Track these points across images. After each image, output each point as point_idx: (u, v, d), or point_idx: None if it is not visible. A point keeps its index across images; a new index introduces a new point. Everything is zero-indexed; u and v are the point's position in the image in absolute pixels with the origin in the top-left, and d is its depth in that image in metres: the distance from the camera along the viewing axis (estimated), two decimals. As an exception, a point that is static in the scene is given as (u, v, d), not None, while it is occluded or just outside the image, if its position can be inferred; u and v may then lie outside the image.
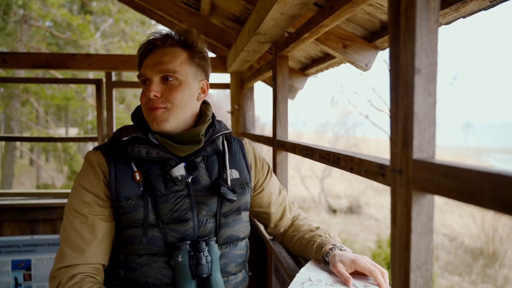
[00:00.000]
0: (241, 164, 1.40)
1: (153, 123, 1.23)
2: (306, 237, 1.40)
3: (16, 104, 12.99)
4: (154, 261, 1.21)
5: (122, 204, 1.20)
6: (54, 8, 11.60)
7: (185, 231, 1.23)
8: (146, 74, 1.24)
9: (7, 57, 3.13)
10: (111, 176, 1.21)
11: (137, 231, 1.21)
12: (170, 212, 1.22)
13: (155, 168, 1.24)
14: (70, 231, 1.18)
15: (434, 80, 0.71)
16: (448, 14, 1.31)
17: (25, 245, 3.05)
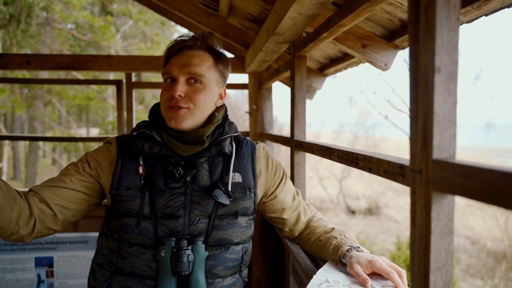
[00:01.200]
0: (247, 168, 1.38)
1: (172, 120, 1.27)
2: (322, 239, 1.39)
3: (39, 104, 13.31)
4: (143, 252, 1.25)
5: (122, 193, 1.27)
6: (76, 10, 11.83)
7: (175, 227, 1.26)
8: (173, 73, 1.29)
9: (31, 59, 3.21)
10: (117, 165, 1.30)
11: (131, 220, 1.26)
12: (163, 207, 1.26)
13: (158, 164, 1.30)
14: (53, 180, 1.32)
15: (455, 79, 0.70)
16: (469, 12, 1.28)
17: (47, 242, 3.13)
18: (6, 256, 3.09)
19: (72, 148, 15.83)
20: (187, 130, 1.29)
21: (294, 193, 1.53)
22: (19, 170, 18.32)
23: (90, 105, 13.72)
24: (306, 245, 1.48)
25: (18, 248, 3.10)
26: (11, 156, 17.71)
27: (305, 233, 1.50)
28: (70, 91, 12.25)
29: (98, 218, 3.17)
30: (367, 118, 21.09)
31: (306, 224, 1.53)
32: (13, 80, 5.28)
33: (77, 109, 17.83)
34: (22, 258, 3.11)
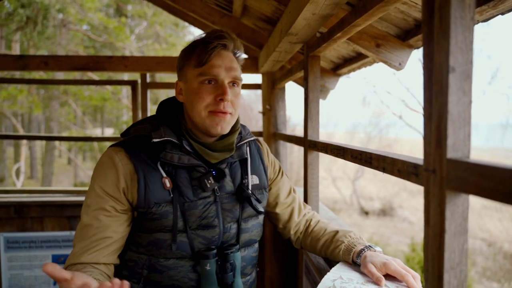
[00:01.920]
0: (260, 168, 1.41)
1: (218, 126, 1.22)
2: (329, 246, 1.39)
3: (55, 105, 13.54)
4: (181, 265, 1.22)
5: (152, 211, 1.18)
6: (91, 12, 11.99)
7: (212, 237, 1.25)
8: (219, 75, 1.22)
9: (49, 60, 3.27)
10: (140, 181, 1.18)
11: (166, 235, 1.20)
12: (198, 219, 1.22)
13: (184, 174, 1.22)
14: (85, 231, 1.17)
15: (470, 79, 0.70)
16: (485, 11, 1.27)
17: (64, 240, 3.18)
18: (25, 253, 3.16)
19: (87, 147, 16.08)
20: (218, 137, 1.27)
21: (289, 189, 1.54)
22: (35, 170, 18.65)
23: (105, 105, 13.89)
24: (315, 252, 1.48)
25: (36, 246, 3.17)
26: (28, 156, 18.03)
27: (308, 240, 1.48)
28: (85, 91, 12.42)
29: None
30: (381, 118, 20.94)
31: (304, 228, 1.52)
32: (31, 81, 5.38)
33: (92, 110, 18.06)
34: (40, 255, 3.17)
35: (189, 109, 1.26)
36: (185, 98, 1.28)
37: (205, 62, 1.22)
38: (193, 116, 1.24)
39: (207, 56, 1.22)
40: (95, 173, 1.22)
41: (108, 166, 1.20)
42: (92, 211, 1.17)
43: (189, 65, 1.26)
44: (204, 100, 1.21)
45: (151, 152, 1.21)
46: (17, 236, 3.15)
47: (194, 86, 1.23)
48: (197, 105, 1.22)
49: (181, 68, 1.30)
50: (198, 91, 1.22)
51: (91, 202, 1.18)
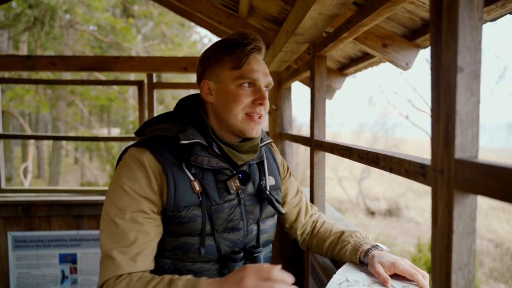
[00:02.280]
0: (275, 170, 1.42)
1: (253, 130, 1.22)
2: (335, 246, 1.39)
3: (62, 105, 13.63)
4: (207, 268, 1.21)
5: (182, 214, 1.16)
6: (98, 12, 12.06)
7: (237, 240, 1.25)
8: (258, 80, 1.22)
9: (56, 60, 3.30)
10: (170, 183, 1.14)
11: (193, 239, 1.18)
12: (224, 222, 1.22)
13: (210, 177, 1.21)
14: (122, 238, 1.11)
15: (478, 79, 0.69)
16: (493, 10, 1.26)
17: (71, 239, 3.21)
18: (32, 252, 3.18)
19: (94, 147, 16.16)
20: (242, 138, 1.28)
21: (297, 189, 1.55)
22: (43, 169, 18.79)
23: (111, 105, 13.96)
24: (322, 254, 1.48)
25: (44, 245, 3.19)
26: (36, 155, 18.17)
27: (314, 241, 1.48)
28: (92, 91, 12.49)
29: (120, 216, 3.23)
30: (387, 118, 20.87)
31: (310, 228, 1.52)
32: (38, 81, 5.42)
33: (99, 110, 18.16)
34: (47, 254, 3.20)
35: (222, 110, 1.23)
36: (217, 99, 1.25)
37: (244, 65, 1.21)
38: (228, 117, 1.22)
39: (246, 59, 1.21)
40: (122, 175, 1.16)
41: (136, 166, 1.16)
42: (130, 214, 1.12)
43: (223, 65, 1.23)
44: (242, 102, 1.20)
45: (178, 154, 1.19)
46: (25, 235, 3.18)
47: (231, 88, 1.21)
48: (235, 108, 1.21)
49: (209, 68, 1.26)
50: (236, 94, 1.20)
51: (124, 205, 1.12)
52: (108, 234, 1.11)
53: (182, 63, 3.41)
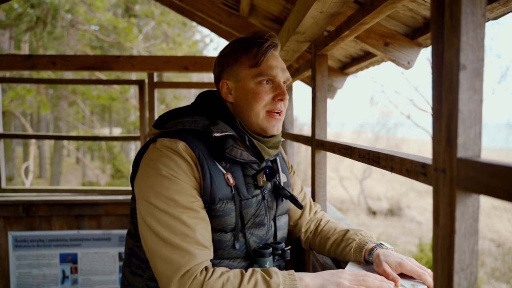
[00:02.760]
0: (285, 167, 1.45)
1: (274, 127, 1.24)
2: (339, 245, 1.38)
3: (64, 104, 13.65)
4: (235, 266, 1.18)
5: (216, 207, 1.13)
6: (100, 12, 12.07)
7: (262, 235, 1.25)
8: (277, 76, 1.23)
9: (57, 60, 3.29)
10: (206, 174, 1.12)
11: (226, 236, 1.15)
12: (253, 217, 1.21)
13: (239, 171, 1.21)
14: (183, 228, 1.05)
15: (481, 77, 0.68)
16: (496, 8, 1.25)
17: (72, 239, 3.20)
18: (33, 252, 3.18)
19: (95, 147, 16.17)
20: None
21: (301, 186, 1.57)
22: (44, 169, 18.81)
23: (112, 105, 13.97)
24: (324, 253, 1.47)
25: (44, 245, 3.19)
26: (37, 155, 18.19)
27: (317, 239, 1.48)
28: (93, 91, 12.50)
29: (121, 216, 3.23)
30: (388, 118, 20.84)
31: (314, 227, 1.52)
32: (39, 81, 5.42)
33: (100, 109, 18.18)
34: (48, 254, 3.19)
35: (243, 108, 1.23)
36: (237, 98, 1.25)
37: (262, 62, 1.21)
38: (249, 115, 1.22)
39: (264, 56, 1.21)
40: (160, 164, 1.11)
41: (174, 155, 1.12)
42: (182, 202, 1.07)
43: (241, 64, 1.23)
44: (263, 100, 1.21)
45: (210, 147, 1.17)
46: (25, 235, 3.18)
47: (251, 86, 1.21)
48: (256, 105, 1.21)
49: (228, 67, 1.26)
50: (256, 91, 1.21)
51: (173, 194, 1.07)
52: (165, 225, 1.05)
53: (183, 62, 3.40)
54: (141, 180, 1.14)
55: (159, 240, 1.04)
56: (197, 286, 1.00)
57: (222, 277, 1.02)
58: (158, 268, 1.04)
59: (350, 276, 1.08)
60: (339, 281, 1.06)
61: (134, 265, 1.24)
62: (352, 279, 1.07)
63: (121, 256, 3.20)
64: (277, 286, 1.01)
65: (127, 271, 1.28)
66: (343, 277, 1.07)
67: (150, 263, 1.08)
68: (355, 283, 1.06)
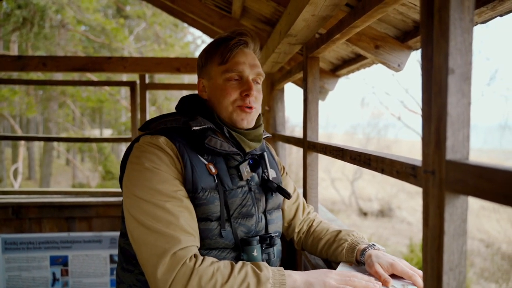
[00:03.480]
0: (274, 164, 1.46)
1: (244, 121, 1.26)
2: (331, 245, 1.39)
3: (53, 106, 13.52)
4: (224, 257, 1.19)
5: (199, 195, 1.15)
6: (89, 13, 11.98)
7: (251, 225, 1.26)
8: (244, 72, 1.26)
9: (47, 61, 3.27)
10: (187, 164, 1.16)
11: (212, 224, 1.17)
12: (239, 207, 1.23)
13: (222, 162, 1.24)
14: (166, 215, 1.07)
15: (469, 81, 0.70)
16: (484, 12, 1.28)
17: (62, 241, 3.18)
18: (22, 254, 3.15)
19: (86, 148, 16.04)
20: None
21: (294, 187, 1.59)
22: (33, 171, 18.61)
23: (103, 106, 13.87)
24: (315, 253, 1.49)
25: (34, 247, 3.16)
26: (26, 157, 18.00)
27: (310, 240, 1.49)
28: (83, 93, 12.40)
29: (112, 218, 3.21)
30: (379, 119, 20.97)
31: (307, 227, 1.53)
32: (29, 82, 5.37)
33: (91, 111, 18.03)
34: (38, 256, 3.17)
35: (215, 105, 1.29)
36: (210, 95, 1.31)
37: (229, 59, 1.26)
38: (221, 111, 1.27)
39: (230, 53, 1.25)
40: (142, 159, 1.14)
41: (155, 149, 1.16)
42: (165, 191, 1.10)
43: (212, 62, 1.29)
44: (230, 95, 1.25)
45: (190, 140, 1.21)
46: (15, 237, 3.15)
47: (219, 82, 1.27)
48: (224, 101, 1.25)
49: (203, 66, 1.33)
50: (224, 88, 1.26)
51: (156, 184, 1.10)
52: (150, 215, 1.07)
53: (175, 63, 3.40)
54: (127, 177, 1.17)
55: (144, 229, 1.06)
56: (186, 272, 1.01)
57: (212, 266, 1.04)
58: (144, 257, 1.06)
59: (337, 276, 1.11)
60: (326, 280, 1.08)
61: (125, 262, 1.27)
62: (339, 279, 1.10)
63: (113, 258, 3.19)
64: (267, 279, 1.03)
65: (119, 269, 1.31)
66: (330, 277, 1.10)
67: (137, 255, 1.09)
68: (342, 283, 1.09)
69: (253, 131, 1.30)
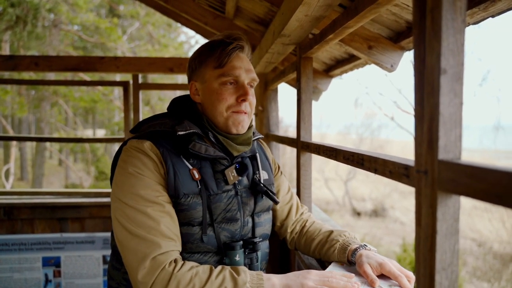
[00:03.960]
0: (267, 165, 1.46)
1: (239, 125, 1.26)
2: (324, 245, 1.40)
3: (46, 106, 13.42)
4: (206, 260, 1.21)
5: (181, 201, 1.17)
6: (82, 12, 11.91)
7: (235, 230, 1.26)
8: (240, 77, 1.26)
9: (39, 60, 3.24)
10: (170, 170, 1.17)
11: (194, 229, 1.19)
12: (223, 212, 1.24)
13: (207, 167, 1.24)
14: (148, 221, 1.10)
15: (461, 81, 0.70)
16: (476, 13, 1.28)
17: (55, 242, 3.15)
18: (14, 255, 3.12)
19: (78, 149, 15.95)
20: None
21: (288, 187, 1.59)
22: (26, 171, 18.46)
23: (96, 106, 13.79)
24: (309, 253, 1.49)
25: (26, 248, 3.13)
26: (18, 157, 17.84)
27: (303, 240, 1.49)
28: (76, 93, 12.32)
29: (105, 219, 3.20)
30: (372, 120, 21.05)
31: (300, 228, 1.53)
32: (20, 82, 5.33)
33: (84, 111, 17.91)
34: (30, 258, 3.14)
35: (208, 109, 1.28)
36: (204, 99, 1.30)
37: (226, 63, 1.25)
38: (214, 115, 1.26)
39: (227, 58, 1.24)
40: (127, 164, 1.17)
41: (139, 153, 1.18)
42: (147, 197, 1.13)
43: (207, 65, 1.28)
44: (226, 100, 1.24)
45: (176, 145, 1.21)
46: (7, 238, 3.11)
47: (215, 86, 1.26)
48: (219, 106, 1.25)
49: (196, 69, 1.32)
50: (219, 92, 1.25)
51: (139, 189, 1.13)
52: (132, 219, 1.11)
53: (168, 64, 3.39)
54: (114, 181, 1.20)
55: (127, 233, 1.10)
56: (165, 277, 1.05)
57: (191, 271, 1.07)
58: (126, 260, 1.10)
59: (316, 277, 1.12)
60: (304, 282, 1.10)
61: (115, 260, 1.30)
62: (317, 280, 1.11)
63: (105, 259, 3.17)
64: (244, 284, 1.05)
65: (110, 266, 1.35)
66: (308, 278, 1.11)
67: (122, 256, 1.13)
68: (320, 284, 1.10)
69: (241, 135, 1.30)
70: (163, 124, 1.26)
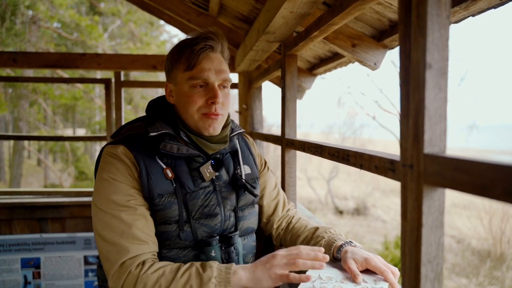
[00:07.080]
0: (250, 159, 1.46)
1: (210, 127, 1.25)
2: (309, 242, 1.40)
3: (24, 104, 13.12)
4: (184, 255, 1.24)
5: (156, 202, 1.19)
6: (62, 9, 11.69)
7: (214, 225, 1.28)
8: (209, 79, 1.24)
9: (17, 57, 3.17)
10: (142, 172, 1.19)
11: (171, 227, 1.21)
12: (200, 208, 1.25)
13: (183, 165, 1.25)
14: (120, 225, 1.13)
15: (445, 75, 0.71)
16: (457, 12, 1.31)
17: (34, 243, 3.09)
18: (-8, 256, 3.04)
19: (58, 148, 15.63)
20: None
21: (275, 183, 1.59)
22: (3, 171, 18.02)
23: (76, 105, 13.56)
24: None
25: (4, 250, 3.06)
26: (-5, 157, 17.42)
27: (288, 236, 1.50)
28: (56, 90, 12.08)
29: (86, 218, 3.14)
30: (355, 119, 21.26)
31: (286, 224, 1.54)
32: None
33: (64, 109, 17.59)
34: (8, 259, 3.07)
35: (181, 111, 1.29)
36: (176, 101, 1.30)
37: (194, 66, 1.23)
38: (186, 118, 1.27)
39: (195, 59, 1.23)
40: (102, 169, 1.21)
41: (113, 159, 1.21)
42: (120, 201, 1.16)
43: (178, 68, 1.28)
44: (196, 103, 1.24)
45: (149, 146, 1.23)
46: (-16, 239, 3.04)
47: (185, 89, 1.25)
48: (190, 108, 1.25)
49: (170, 70, 1.32)
50: (189, 95, 1.24)
51: (111, 194, 1.16)
52: (105, 225, 1.14)
53: (151, 61, 3.35)
54: (94, 186, 1.24)
55: (101, 238, 1.14)
56: (132, 280, 1.08)
57: (157, 272, 1.09)
58: (102, 262, 1.15)
59: (283, 259, 1.12)
60: (271, 272, 1.11)
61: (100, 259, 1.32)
62: (285, 263, 1.12)
63: (87, 259, 3.12)
64: (209, 279, 1.07)
65: (97, 264, 1.38)
66: (275, 265, 1.12)
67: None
68: (288, 267, 1.11)
69: (216, 135, 1.30)
70: (138, 127, 1.28)
